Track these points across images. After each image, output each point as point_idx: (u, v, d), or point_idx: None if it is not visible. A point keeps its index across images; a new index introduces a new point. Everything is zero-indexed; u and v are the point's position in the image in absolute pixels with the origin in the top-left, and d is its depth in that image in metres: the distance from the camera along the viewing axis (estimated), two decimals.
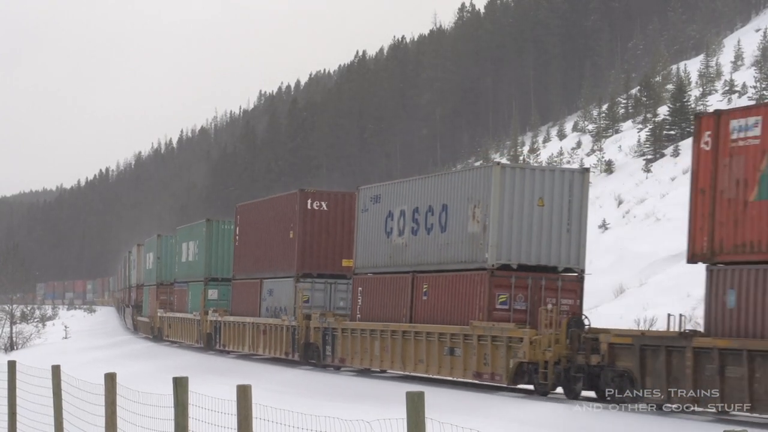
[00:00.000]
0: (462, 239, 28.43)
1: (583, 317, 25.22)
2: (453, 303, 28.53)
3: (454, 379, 28.62)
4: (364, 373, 33.89)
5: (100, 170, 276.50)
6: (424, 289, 29.98)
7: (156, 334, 61.55)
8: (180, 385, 12.11)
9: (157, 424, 14.41)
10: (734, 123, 20.03)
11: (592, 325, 25.58)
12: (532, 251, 27.29)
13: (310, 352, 36.80)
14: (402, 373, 31.56)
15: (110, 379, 14.52)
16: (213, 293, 49.71)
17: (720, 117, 20.64)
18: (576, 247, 27.44)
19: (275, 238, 40.55)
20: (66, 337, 67.76)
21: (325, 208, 37.95)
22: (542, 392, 25.14)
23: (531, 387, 25.93)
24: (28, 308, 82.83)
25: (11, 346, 60.76)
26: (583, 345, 23.97)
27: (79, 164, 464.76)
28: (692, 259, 21.31)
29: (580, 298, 27.41)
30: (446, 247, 29.20)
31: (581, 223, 27.58)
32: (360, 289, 33.94)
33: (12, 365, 17.97)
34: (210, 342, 48.30)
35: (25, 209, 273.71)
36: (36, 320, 77.12)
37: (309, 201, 38.15)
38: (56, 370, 16.55)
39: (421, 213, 30.50)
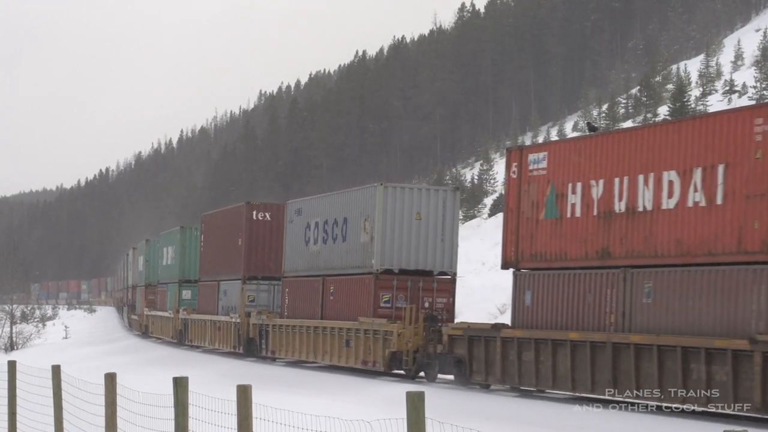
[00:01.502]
0: (356, 248, 34.98)
1: (436, 313, 31.90)
2: (350, 302, 35.24)
3: (350, 366, 35.16)
4: (296, 363, 40.35)
5: (100, 170, 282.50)
6: (331, 291, 36.77)
7: (143, 330, 68.30)
8: (180, 385, 12.43)
9: (157, 424, 14.92)
10: (531, 156, 26.72)
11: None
12: (411, 258, 33.67)
13: (251, 345, 43.65)
14: (327, 363, 37.88)
15: (110, 379, 14.90)
16: (187, 294, 56.16)
17: (522, 151, 27.36)
18: (449, 254, 33.89)
19: (228, 245, 47.12)
20: (66, 337, 71.22)
21: (269, 218, 44.36)
22: (410, 376, 31.82)
23: (403, 372, 32.46)
24: (29, 308, 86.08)
25: (11, 346, 63.56)
26: (432, 336, 30.55)
27: (79, 164, 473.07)
28: (504, 266, 27.91)
29: (453, 296, 33.86)
30: (346, 254, 35.80)
31: (453, 233, 34.03)
32: (287, 290, 40.81)
33: (12, 365, 18.43)
34: (181, 338, 55.31)
35: (25, 209, 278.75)
36: (36, 320, 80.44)
37: (254, 212, 44.68)
38: (56, 370, 16.97)
39: (329, 225, 37.10)
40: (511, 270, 27.58)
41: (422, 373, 31.62)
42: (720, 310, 21.18)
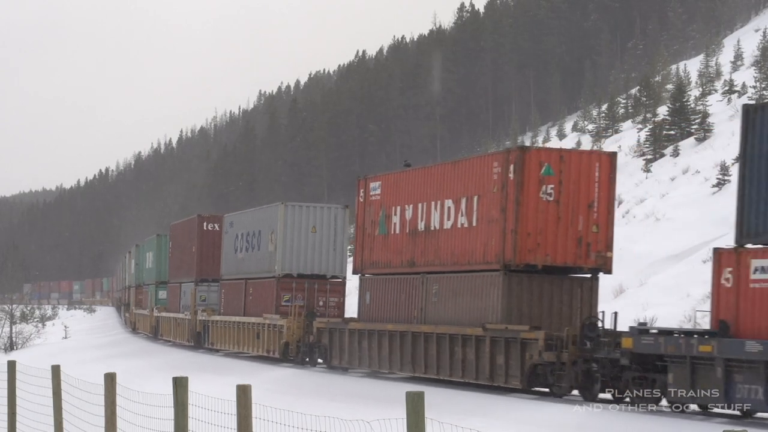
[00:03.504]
0: (266, 256, 44.11)
1: (315, 310, 40.70)
2: (261, 301, 44.33)
3: (260, 354, 44.11)
4: (236, 354, 49.07)
5: (100, 170, 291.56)
6: (250, 292, 45.89)
7: (133, 327, 78.86)
8: (180, 385, 12.94)
9: (157, 424, 15.60)
10: (372, 184, 35.57)
11: None
12: (308, 264, 42.72)
13: (199, 339, 52.88)
14: (249, 353, 46.88)
15: (110, 379, 15.43)
16: (163, 294, 65.89)
17: (366, 180, 36.23)
18: (340, 260, 42.90)
19: (185, 252, 56.90)
20: (66, 337, 76.26)
21: (217, 229, 53.64)
22: (297, 362, 40.52)
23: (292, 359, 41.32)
24: (28, 308, 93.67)
25: (11, 346, 67.73)
26: (308, 329, 39.45)
27: (79, 164, 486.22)
28: (354, 271, 36.82)
29: (343, 296, 42.93)
30: (259, 261, 44.97)
31: (344, 244, 43.19)
32: (223, 291, 50.46)
33: (12, 365, 19.14)
34: (156, 333, 65.12)
35: (25, 209, 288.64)
36: (36, 320, 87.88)
37: (205, 223, 54.25)
38: (56, 370, 17.59)
39: (250, 236, 46.33)
40: (358, 275, 36.45)
41: (307, 359, 40.39)
42: (474, 306, 29.85)
